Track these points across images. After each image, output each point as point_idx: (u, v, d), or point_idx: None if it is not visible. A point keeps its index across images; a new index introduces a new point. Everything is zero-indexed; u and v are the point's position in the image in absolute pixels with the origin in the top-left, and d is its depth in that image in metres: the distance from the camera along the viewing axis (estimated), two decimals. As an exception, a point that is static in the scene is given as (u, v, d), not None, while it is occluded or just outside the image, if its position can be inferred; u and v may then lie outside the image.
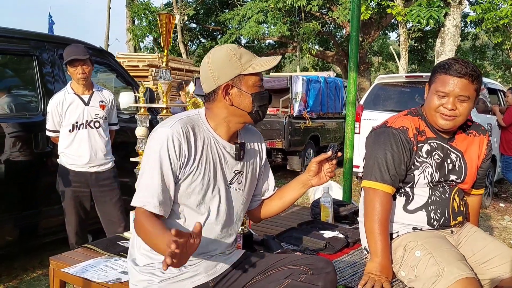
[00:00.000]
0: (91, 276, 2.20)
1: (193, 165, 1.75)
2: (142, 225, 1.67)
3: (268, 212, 2.11)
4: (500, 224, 6.20)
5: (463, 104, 2.03)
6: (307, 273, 1.75)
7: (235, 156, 1.86)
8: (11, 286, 3.84)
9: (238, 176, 1.89)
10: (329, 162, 1.96)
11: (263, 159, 2.05)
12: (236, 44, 15.52)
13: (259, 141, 2.04)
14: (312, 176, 1.98)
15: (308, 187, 2.02)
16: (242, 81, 1.77)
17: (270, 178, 2.10)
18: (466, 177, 2.19)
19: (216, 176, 1.82)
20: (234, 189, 1.89)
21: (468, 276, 1.85)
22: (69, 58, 3.41)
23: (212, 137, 1.83)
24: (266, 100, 1.83)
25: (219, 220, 1.84)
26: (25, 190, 3.97)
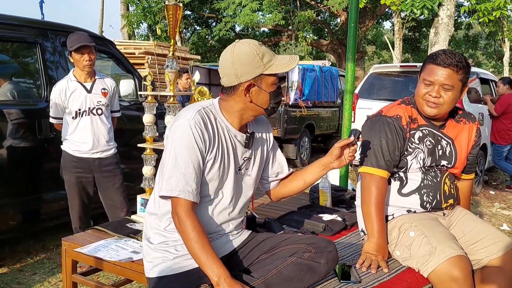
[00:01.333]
0: (103, 256, 2.32)
1: (212, 153, 1.86)
2: (188, 232, 1.76)
3: (289, 191, 2.24)
4: (490, 210, 6.37)
5: (448, 93, 2.15)
6: (310, 251, 1.87)
7: (245, 144, 1.98)
8: (15, 269, 3.93)
9: (247, 162, 2.02)
10: (350, 147, 2.06)
11: (270, 146, 2.17)
12: (231, 33, 15.44)
13: (267, 130, 2.16)
14: (334, 159, 2.08)
15: (329, 169, 2.14)
16: (263, 80, 1.88)
17: (281, 160, 2.22)
18: (456, 162, 2.32)
19: (229, 163, 1.93)
20: (243, 174, 2.02)
21: (458, 254, 1.99)
22: (77, 45, 3.46)
23: (226, 126, 1.94)
24: (281, 96, 1.97)
25: (231, 203, 1.97)
26: (28, 175, 4.05)
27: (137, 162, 3.09)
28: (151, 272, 1.91)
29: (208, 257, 1.74)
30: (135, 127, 4.77)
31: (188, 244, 1.78)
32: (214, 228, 1.95)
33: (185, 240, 1.79)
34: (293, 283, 1.80)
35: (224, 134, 1.93)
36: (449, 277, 1.95)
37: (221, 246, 1.96)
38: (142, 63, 10.17)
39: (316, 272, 1.84)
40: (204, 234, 1.79)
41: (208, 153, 1.86)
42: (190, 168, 1.80)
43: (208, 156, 1.86)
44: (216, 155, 1.88)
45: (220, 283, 1.70)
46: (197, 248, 1.75)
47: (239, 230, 2.07)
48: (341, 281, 1.97)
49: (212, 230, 1.94)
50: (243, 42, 1.89)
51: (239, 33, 23.33)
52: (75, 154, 3.65)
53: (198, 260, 1.76)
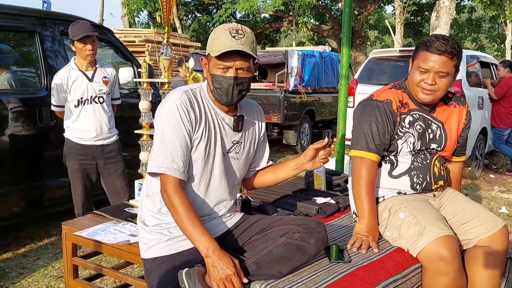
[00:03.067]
0: (101, 239, 2.38)
1: (198, 132, 1.92)
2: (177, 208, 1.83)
3: (261, 183, 2.29)
4: (489, 194, 6.41)
5: (443, 80, 2.18)
6: (300, 232, 1.92)
7: (233, 127, 2.02)
8: (19, 254, 4.02)
9: (236, 146, 2.06)
10: (325, 149, 2.07)
11: (261, 132, 2.20)
12: (232, 19, 15.37)
13: (259, 115, 2.18)
14: (307, 160, 2.11)
15: (302, 170, 2.17)
16: (211, 60, 1.90)
17: (265, 151, 2.26)
18: (446, 145, 2.37)
19: (216, 145, 1.98)
20: (232, 157, 2.05)
21: (446, 234, 2.03)
22: (81, 35, 3.50)
23: (212, 108, 1.98)
24: (222, 84, 1.88)
25: (220, 185, 2.02)
26: (30, 163, 4.12)
27: (137, 149, 3.14)
28: (146, 253, 1.97)
29: (197, 230, 1.81)
30: (135, 115, 4.81)
31: (178, 218, 1.84)
32: (205, 210, 2.01)
33: (175, 215, 1.85)
34: (284, 262, 1.85)
35: (211, 115, 1.97)
36: (437, 256, 2.00)
37: (214, 228, 2.02)
38: (143, 51, 10.20)
39: (306, 252, 1.90)
40: (193, 209, 1.86)
41: (194, 132, 1.91)
42: (176, 146, 1.86)
43: (194, 135, 1.91)
44: (202, 135, 1.93)
45: (209, 254, 1.78)
46: (186, 222, 1.82)
47: (232, 212, 2.12)
48: (332, 261, 2.02)
49: (204, 213, 2.00)
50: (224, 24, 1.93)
51: (239, 19, 23.25)
52: (79, 142, 3.71)
53: (188, 234, 1.83)
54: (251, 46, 1.87)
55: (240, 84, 1.90)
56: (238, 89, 1.90)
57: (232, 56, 1.85)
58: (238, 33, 1.84)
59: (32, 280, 3.54)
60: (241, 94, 1.93)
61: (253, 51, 1.88)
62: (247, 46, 1.85)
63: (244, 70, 1.89)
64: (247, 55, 1.86)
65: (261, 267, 1.83)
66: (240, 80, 1.89)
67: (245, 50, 1.83)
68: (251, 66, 1.92)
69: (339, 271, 1.92)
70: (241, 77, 1.89)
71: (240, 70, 1.88)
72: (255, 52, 1.90)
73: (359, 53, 18.72)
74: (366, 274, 1.91)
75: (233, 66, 1.86)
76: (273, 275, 1.85)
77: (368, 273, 1.92)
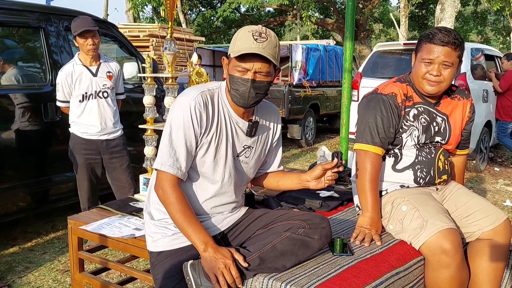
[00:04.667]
0: (107, 233, 2.41)
1: (208, 136, 1.92)
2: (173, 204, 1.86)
3: (264, 184, 2.30)
4: (494, 187, 6.40)
5: (447, 70, 2.19)
6: (304, 227, 1.93)
7: (246, 132, 2.01)
8: (26, 249, 4.06)
9: (247, 150, 2.05)
10: (333, 170, 2.00)
11: (275, 137, 2.18)
12: (236, 13, 15.30)
13: (275, 120, 2.16)
14: (313, 178, 2.04)
15: (304, 187, 2.10)
16: (231, 61, 1.89)
17: (277, 156, 2.25)
18: (450, 139, 2.37)
19: (227, 148, 1.98)
20: (241, 161, 2.05)
21: (448, 227, 2.04)
22: (80, 30, 3.51)
23: (227, 111, 1.97)
24: (239, 86, 1.86)
25: (228, 187, 2.03)
26: (36, 158, 4.16)
27: (142, 144, 3.16)
28: (152, 246, 2.00)
29: (194, 227, 1.84)
30: (140, 109, 4.83)
31: (174, 215, 1.87)
32: (210, 209, 2.03)
33: (170, 212, 1.88)
34: (287, 257, 1.87)
35: (225, 119, 1.96)
36: (439, 249, 2.01)
37: (218, 223, 2.05)
38: (147, 45, 10.21)
39: (309, 247, 1.92)
40: (189, 206, 1.88)
41: (204, 135, 1.91)
42: (183, 146, 1.87)
43: (204, 138, 1.91)
44: (212, 137, 1.93)
45: (207, 249, 1.81)
46: (182, 219, 1.85)
47: (237, 207, 2.14)
48: (335, 254, 2.04)
49: (210, 211, 2.03)
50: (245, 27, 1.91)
51: (244, 13, 23.21)
52: (84, 137, 3.74)
53: (184, 231, 1.86)
54: (273, 50, 1.83)
55: (258, 88, 1.86)
56: (255, 92, 1.86)
57: (252, 59, 1.82)
58: (261, 36, 1.81)
59: (38, 274, 3.58)
60: (258, 97, 1.89)
61: (274, 56, 1.83)
62: (268, 50, 1.81)
63: (263, 74, 1.85)
64: (268, 59, 1.82)
65: (265, 261, 1.85)
66: (257, 83, 1.85)
67: (263, 54, 1.79)
68: (271, 71, 1.88)
69: (342, 264, 1.94)
70: (259, 80, 1.85)
71: (258, 74, 1.85)
72: (277, 57, 1.86)
73: (363, 47, 18.63)
74: (369, 267, 1.92)
75: (251, 69, 1.83)
76: (277, 268, 1.87)
77: (370, 266, 1.93)
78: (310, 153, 8.87)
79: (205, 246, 1.82)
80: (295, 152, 9.06)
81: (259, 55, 1.80)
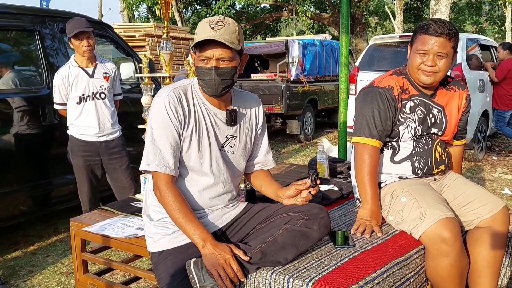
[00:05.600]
0: (110, 233, 2.42)
1: (189, 129, 1.95)
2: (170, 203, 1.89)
3: (253, 184, 2.32)
4: (492, 176, 6.42)
5: (442, 61, 2.21)
6: (303, 218, 1.95)
7: (226, 122, 2.03)
8: (28, 252, 4.07)
9: (231, 140, 2.07)
10: (308, 189, 2.04)
11: (259, 124, 2.19)
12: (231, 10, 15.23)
13: (255, 107, 2.17)
14: (286, 197, 2.09)
15: (280, 201, 2.15)
16: (196, 54, 1.93)
17: (262, 145, 2.24)
18: (446, 130, 2.39)
19: (210, 139, 2.00)
20: (227, 151, 2.07)
21: (447, 216, 2.07)
22: (75, 32, 3.51)
23: (203, 104, 2.00)
24: (205, 76, 1.89)
25: (218, 178, 2.04)
26: (36, 161, 4.17)
27: (141, 144, 3.16)
28: (153, 247, 2.02)
29: (192, 224, 1.87)
30: (138, 110, 4.84)
31: (172, 214, 1.90)
32: (206, 203, 2.05)
33: (168, 211, 1.91)
34: (288, 249, 1.89)
35: (202, 111, 1.99)
36: (439, 238, 2.04)
37: (217, 219, 2.06)
38: (143, 45, 10.19)
39: (309, 238, 1.93)
40: (186, 204, 1.91)
41: (184, 129, 1.94)
42: (166, 144, 1.90)
43: (185, 132, 1.95)
44: (192, 131, 1.96)
45: (206, 245, 1.83)
46: (180, 217, 1.87)
47: (234, 203, 2.16)
48: (336, 246, 2.06)
49: (205, 205, 2.05)
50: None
51: (239, 10, 23.18)
52: (82, 138, 3.74)
53: (183, 228, 1.88)
54: (232, 36, 1.85)
55: (222, 74, 1.88)
56: (220, 79, 1.88)
57: (211, 47, 1.85)
58: (218, 24, 1.85)
59: (42, 277, 3.59)
60: (225, 84, 1.91)
61: (233, 41, 1.85)
62: (226, 36, 1.83)
63: (225, 60, 1.88)
64: (226, 45, 1.85)
65: (267, 255, 1.87)
66: (221, 70, 1.88)
67: (220, 39, 1.82)
68: (233, 56, 1.89)
69: (343, 256, 1.96)
70: (223, 67, 1.88)
71: (221, 61, 1.88)
72: (238, 42, 1.88)
73: (360, 40, 18.62)
74: (370, 258, 1.94)
75: (212, 57, 1.86)
76: (279, 262, 1.89)
77: (372, 257, 1.95)
78: (309, 148, 8.89)
79: (203, 243, 1.84)
80: (294, 147, 9.08)
81: (217, 42, 1.83)
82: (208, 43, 1.85)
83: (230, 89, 1.99)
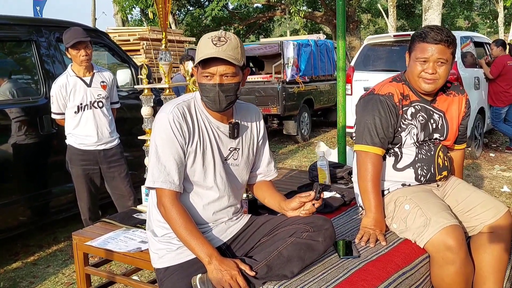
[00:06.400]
0: (113, 247, 2.41)
1: (193, 144, 1.95)
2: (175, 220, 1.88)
3: (256, 195, 2.32)
4: (491, 173, 6.44)
5: (442, 67, 2.22)
6: (308, 230, 1.95)
7: (229, 135, 2.03)
8: (29, 263, 4.05)
9: (234, 152, 2.07)
10: (312, 202, 2.03)
11: (260, 135, 2.19)
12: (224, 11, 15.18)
13: (256, 118, 2.17)
14: (289, 209, 2.08)
15: (283, 213, 2.13)
16: (198, 69, 1.93)
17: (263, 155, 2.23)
18: (448, 135, 2.40)
19: (214, 154, 2.00)
20: (231, 164, 2.08)
21: (452, 224, 2.07)
22: (72, 42, 3.50)
23: (206, 118, 2.00)
24: (209, 92, 1.89)
25: (223, 192, 2.04)
26: (35, 171, 4.15)
27: (138, 150, 3.15)
28: (158, 263, 2.01)
29: (197, 240, 1.86)
30: (134, 116, 4.84)
31: (177, 230, 1.89)
32: (211, 217, 2.04)
33: (173, 227, 1.90)
34: (294, 262, 1.88)
35: (205, 126, 1.99)
36: (444, 246, 2.04)
37: (221, 233, 2.06)
38: (138, 49, 10.18)
39: (315, 250, 1.93)
40: (191, 220, 1.90)
41: (189, 145, 1.94)
42: (171, 160, 1.90)
43: (189, 148, 1.94)
44: (197, 146, 1.96)
45: (212, 261, 1.82)
46: (186, 234, 1.87)
47: (238, 215, 2.15)
48: (342, 257, 2.05)
49: (209, 219, 2.04)
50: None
51: (232, 10, 23.15)
52: (81, 148, 3.73)
53: (188, 244, 1.88)
54: (235, 51, 1.86)
55: (226, 91, 1.89)
56: (224, 95, 1.89)
57: (215, 63, 1.85)
58: (220, 40, 1.85)
59: (44, 288, 3.58)
60: (229, 100, 1.92)
61: (236, 57, 1.86)
62: (228, 52, 1.84)
63: (229, 76, 1.88)
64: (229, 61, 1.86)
65: (272, 269, 1.86)
66: (225, 86, 1.88)
67: (223, 57, 1.82)
68: (236, 72, 1.90)
69: (349, 267, 1.95)
70: (227, 83, 1.88)
71: (224, 77, 1.88)
72: (240, 57, 1.89)
73: (353, 38, 18.65)
74: (376, 269, 1.94)
75: (216, 73, 1.87)
76: (285, 275, 1.88)
77: (377, 268, 1.95)
78: (306, 148, 8.89)
79: (209, 259, 1.83)
80: (291, 148, 9.09)
81: (220, 59, 1.84)
82: (211, 60, 1.85)
83: (233, 104, 1.99)
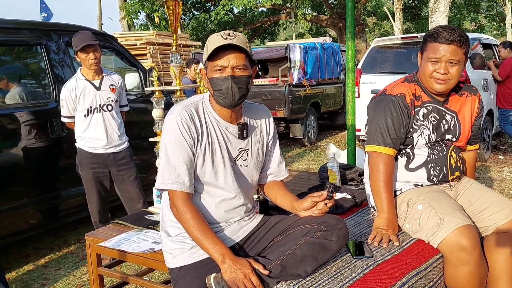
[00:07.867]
0: (126, 248, 2.42)
1: (202, 145, 1.96)
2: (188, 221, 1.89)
3: (267, 195, 2.32)
4: (500, 175, 6.42)
5: (454, 68, 2.21)
6: (321, 230, 1.95)
7: (238, 136, 2.04)
8: (40, 265, 4.07)
9: (243, 153, 2.08)
10: (324, 201, 2.03)
11: (270, 135, 2.19)
12: (230, 15, 15.25)
13: (266, 118, 2.17)
14: (302, 209, 2.08)
15: (295, 213, 2.14)
16: (208, 66, 1.95)
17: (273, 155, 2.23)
18: (461, 136, 2.39)
19: (222, 154, 2.01)
20: (240, 165, 2.08)
21: (465, 224, 2.06)
22: (82, 45, 3.53)
23: (215, 119, 2.01)
24: (221, 85, 1.90)
25: (234, 192, 2.05)
26: (45, 174, 4.18)
27: (147, 153, 3.16)
28: (172, 262, 2.02)
29: (210, 240, 1.87)
30: (143, 119, 4.87)
31: (190, 231, 1.90)
32: (223, 215, 2.05)
33: (187, 228, 1.91)
34: (308, 261, 1.88)
35: (213, 127, 2.00)
36: (458, 246, 2.03)
37: (234, 233, 2.06)
38: (144, 53, 10.21)
39: (328, 250, 1.93)
40: (203, 220, 1.91)
41: (198, 146, 1.95)
42: (180, 161, 1.91)
43: (198, 149, 1.95)
44: (206, 147, 1.97)
45: (225, 261, 1.83)
46: (199, 234, 1.88)
47: (250, 215, 2.16)
48: (355, 257, 2.05)
49: (221, 219, 2.05)
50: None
51: (237, 14, 23.21)
52: (91, 151, 3.76)
53: (201, 244, 1.88)
54: (244, 45, 1.90)
55: (239, 83, 1.90)
56: (237, 87, 1.90)
57: (226, 55, 1.88)
58: (229, 35, 1.88)
59: (55, 290, 3.59)
60: (242, 92, 1.92)
61: (247, 47, 1.90)
62: (239, 42, 1.87)
63: (240, 68, 1.90)
64: (241, 52, 1.88)
65: (286, 268, 1.86)
66: (237, 78, 1.90)
67: (236, 43, 1.85)
68: (247, 64, 1.93)
69: (363, 267, 1.95)
70: (239, 75, 1.90)
71: (236, 69, 1.90)
72: (250, 50, 1.92)
73: (358, 41, 18.66)
74: (390, 269, 1.94)
75: (228, 65, 1.88)
76: (299, 274, 1.88)
77: (392, 267, 1.94)
78: (313, 152, 8.89)
79: (222, 258, 1.84)
80: (298, 151, 9.09)
81: (232, 49, 1.87)
82: (222, 52, 1.87)
83: (245, 99, 2.00)
